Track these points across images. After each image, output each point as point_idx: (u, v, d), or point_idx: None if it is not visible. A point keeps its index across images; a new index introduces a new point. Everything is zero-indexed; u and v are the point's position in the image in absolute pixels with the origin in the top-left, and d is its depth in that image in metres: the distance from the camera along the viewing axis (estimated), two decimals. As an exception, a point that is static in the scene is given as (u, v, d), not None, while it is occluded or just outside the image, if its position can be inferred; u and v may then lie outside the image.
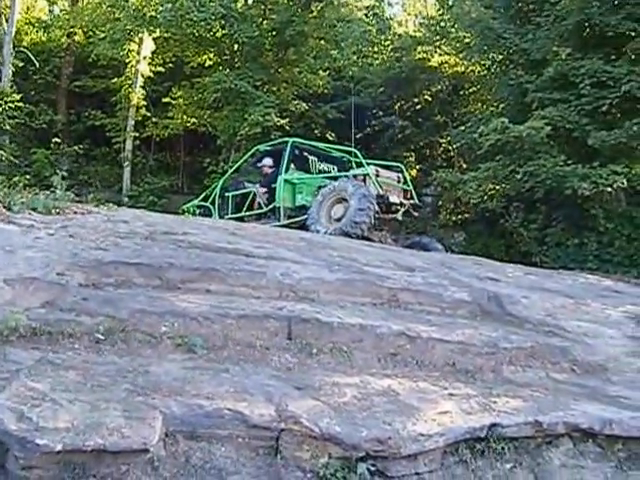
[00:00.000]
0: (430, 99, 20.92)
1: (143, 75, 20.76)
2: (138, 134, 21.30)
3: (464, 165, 19.24)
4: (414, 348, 4.79)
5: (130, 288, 4.91)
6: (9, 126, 18.27)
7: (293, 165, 12.47)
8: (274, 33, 19.61)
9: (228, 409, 3.49)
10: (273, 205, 12.16)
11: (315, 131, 20.76)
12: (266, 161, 12.65)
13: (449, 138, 17.96)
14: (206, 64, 20.91)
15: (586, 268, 12.50)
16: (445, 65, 20.96)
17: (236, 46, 19.99)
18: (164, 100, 21.13)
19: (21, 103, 18.55)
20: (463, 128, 16.33)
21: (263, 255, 6.26)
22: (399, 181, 12.10)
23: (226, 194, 12.95)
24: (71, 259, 5.18)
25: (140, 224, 6.97)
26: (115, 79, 21.07)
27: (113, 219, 7.12)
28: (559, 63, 13.88)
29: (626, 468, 4.17)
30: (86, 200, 8.56)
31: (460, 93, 21.14)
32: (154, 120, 21.22)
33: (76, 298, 4.54)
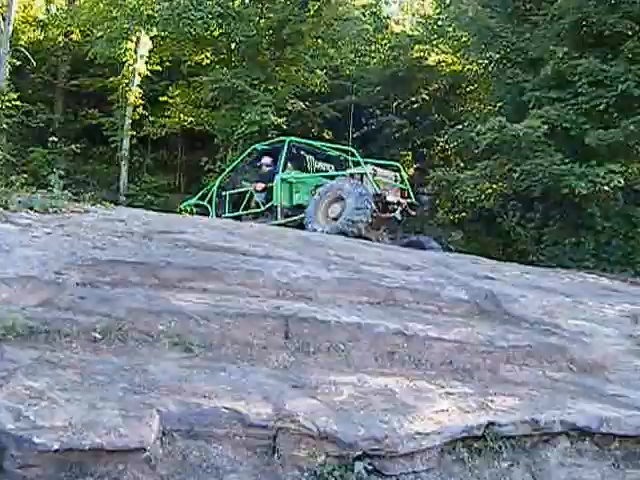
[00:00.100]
0: (427, 98, 20.88)
1: (140, 74, 20.74)
2: (135, 133, 21.30)
3: (461, 164, 19.25)
4: (411, 347, 4.79)
5: (127, 287, 4.90)
6: (6, 125, 18.25)
7: (290, 164, 12.48)
8: (271, 32, 19.60)
9: (225, 408, 3.49)
10: (270, 204, 12.17)
11: (312, 130, 20.74)
12: (266, 160, 12.66)
13: (446, 137, 17.92)
14: (203, 63, 20.92)
15: (583, 267, 12.52)
16: (442, 64, 20.98)
17: (233, 45, 19.99)
18: (161, 99, 21.15)
19: (18, 102, 18.53)
20: (460, 127, 16.31)
21: (260, 254, 6.26)
22: (396, 180, 12.12)
23: (223, 193, 12.96)
24: (68, 258, 5.17)
25: (137, 223, 6.97)
26: (112, 78, 21.04)
27: (110, 218, 7.13)
28: (556, 62, 13.89)
29: (623, 467, 4.18)
30: (83, 199, 8.54)
31: (457, 92, 21.14)
32: (151, 119, 21.22)
33: (73, 297, 4.53)
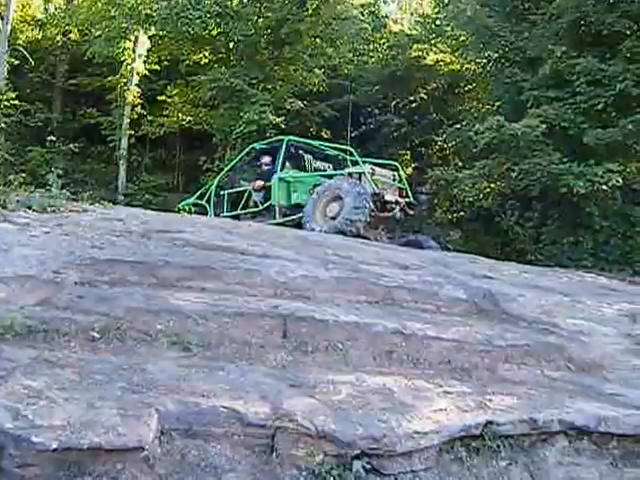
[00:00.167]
0: (426, 97, 20.89)
1: (138, 73, 20.74)
2: (133, 132, 21.28)
3: (460, 163, 19.27)
4: (409, 346, 4.78)
5: (125, 286, 4.90)
6: (4, 124, 18.24)
7: (288, 163, 12.48)
8: (269, 31, 19.60)
9: (224, 407, 3.49)
10: (269, 203, 12.18)
11: (311, 129, 20.72)
12: (265, 159, 12.67)
13: (445, 136, 17.95)
14: (202, 62, 20.92)
15: (581, 266, 12.53)
16: (441, 63, 20.99)
17: (231, 44, 19.98)
18: (159, 98, 21.13)
19: (16, 101, 18.54)
20: (459, 126, 16.33)
21: (258, 253, 6.26)
22: (394, 179, 12.13)
23: (222, 192, 12.95)
24: (66, 257, 5.17)
25: (135, 222, 6.96)
26: (110, 77, 21.04)
27: (108, 217, 7.13)
28: (554, 61, 13.91)
29: (621, 466, 4.18)
30: (81, 198, 8.54)
31: (456, 91, 21.15)
32: (149, 118, 21.21)
33: (71, 296, 4.53)
